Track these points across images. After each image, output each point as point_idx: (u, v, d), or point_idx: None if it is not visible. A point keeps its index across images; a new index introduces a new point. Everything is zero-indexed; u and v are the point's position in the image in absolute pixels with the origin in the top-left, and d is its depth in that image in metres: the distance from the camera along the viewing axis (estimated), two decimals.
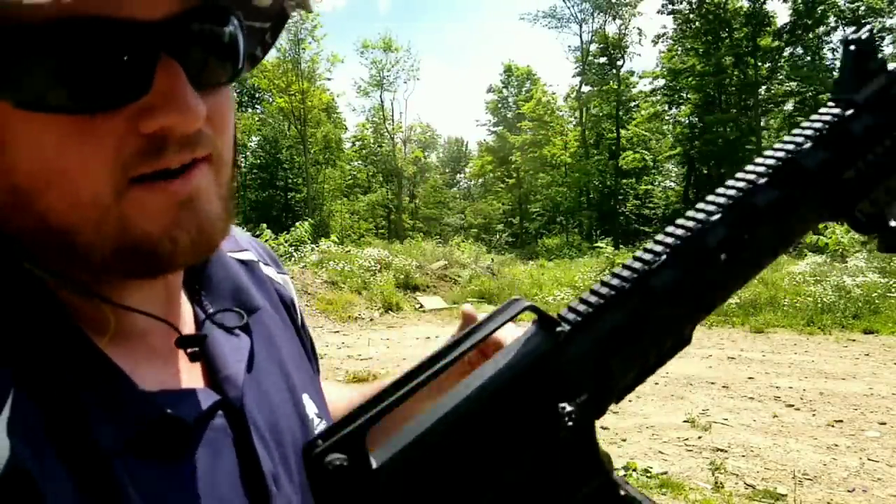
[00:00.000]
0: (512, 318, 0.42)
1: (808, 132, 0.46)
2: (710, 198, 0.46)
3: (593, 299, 0.43)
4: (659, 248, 0.45)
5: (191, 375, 0.50)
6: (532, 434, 0.41)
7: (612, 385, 0.43)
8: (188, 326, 0.54)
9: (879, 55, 0.47)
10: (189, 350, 0.50)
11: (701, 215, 0.45)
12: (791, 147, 0.46)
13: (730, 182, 0.46)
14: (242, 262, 0.65)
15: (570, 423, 0.41)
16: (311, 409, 0.59)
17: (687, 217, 0.45)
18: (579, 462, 0.43)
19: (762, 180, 0.45)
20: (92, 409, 0.40)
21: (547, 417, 0.41)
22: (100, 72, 0.37)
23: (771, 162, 0.46)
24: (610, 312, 0.43)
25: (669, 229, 0.45)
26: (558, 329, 0.42)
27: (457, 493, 0.40)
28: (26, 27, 0.34)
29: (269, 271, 0.69)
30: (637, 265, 0.44)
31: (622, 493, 0.44)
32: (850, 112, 0.46)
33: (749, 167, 0.46)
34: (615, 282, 0.44)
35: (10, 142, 0.38)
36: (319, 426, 0.59)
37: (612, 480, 0.45)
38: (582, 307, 0.43)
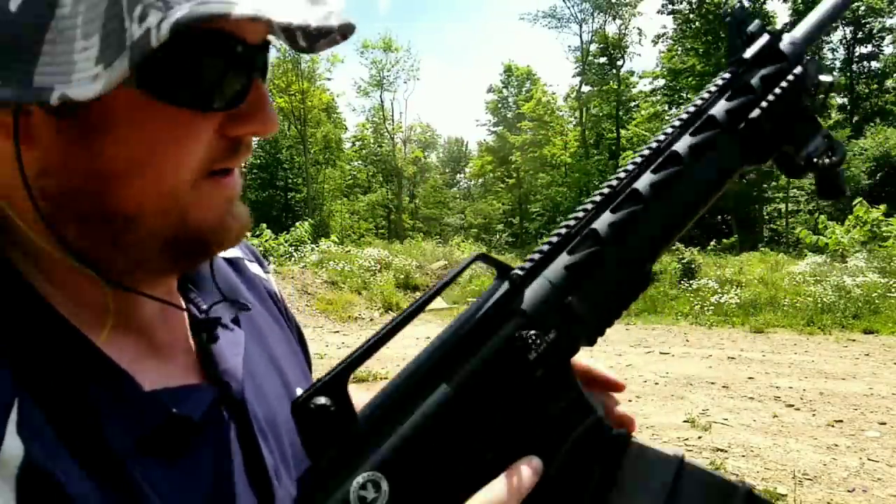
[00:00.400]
0: (466, 266, 0.44)
1: (712, 88, 0.53)
2: (639, 150, 0.51)
3: (544, 246, 0.47)
4: (597, 198, 0.49)
5: (188, 370, 0.51)
6: (502, 369, 0.43)
7: (577, 320, 0.45)
8: (183, 321, 0.54)
9: (754, 21, 0.55)
10: (204, 335, 0.53)
11: (631, 166, 0.50)
12: (699, 102, 0.52)
13: (653, 138, 0.52)
14: (228, 260, 0.66)
15: (535, 353, 0.43)
16: None
17: (620, 168, 0.50)
18: (564, 404, 0.45)
19: (679, 131, 0.51)
20: (101, 410, 0.41)
21: (511, 348, 0.43)
22: (220, 78, 0.43)
23: (684, 116, 0.52)
24: (560, 255, 0.46)
25: (605, 184, 0.49)
26: (513, 273, 0.45)
27: (440, 436, 0.42)
28: (183, 33, 0.37)
29: (255, 268, 0.70)
30: (580, 213, 0.48)
31: (615, 432, 0.46)
32: (742, 68, 0.54)
33: (667, 125, 0.52)
34: (563, 228, 0.48)
35: (121, 129, 0.41)
36: None
37: (602, 421, 0.46)
38: (536, 254, 0.47)
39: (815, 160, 0.52)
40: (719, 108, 0.51)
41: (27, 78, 0.36)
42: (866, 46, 34.56)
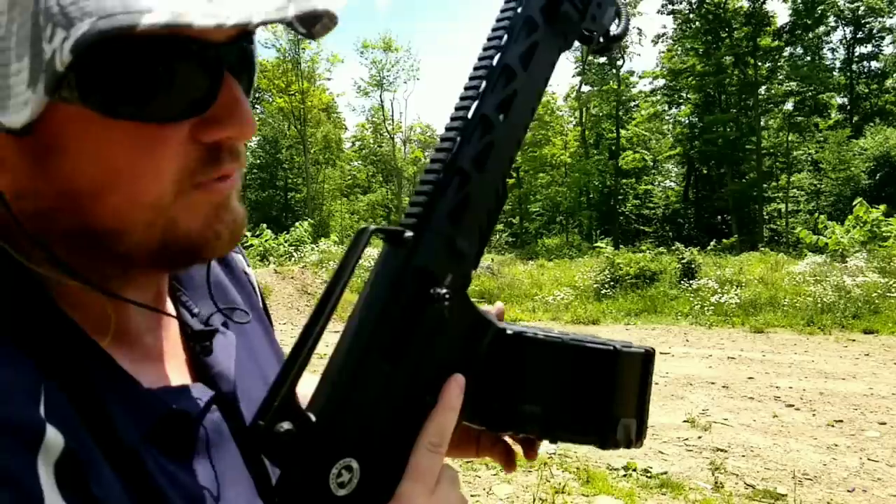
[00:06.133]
0: (364, 247, 0.46)
1: None
2: (472, 73, 0.51)
3: (421, 199, 0.49)
4: (451, 134, 0.50)
5: (181, 373, 0.52)
6: (423, 326, 0.48)
7: (465, 258, 0.51)
8: (174, 324, 0.55)
9: None
10: (199, 345, 0.53)
11: (471, 91, 0.50)
12: (514, 3, 0.52)
13: (479, 56, 0.52)
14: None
15: (447, 302, 0.47)
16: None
17: (461, 98, 0.51)
18: (469, 326, 0.52)
19: (504, 41, 0.51)
20: (111, 404, 0.42)
21: (427, 306, 0.48)
22: (176, 85, 0.40)
23: (505, 21, 0.52)
24: (437, 202, 0.49)
25: (455, 115, 0.51)
26: (405, 236, 0.48)
27: (385, 402, 0.47)
28: (122, 40, 0.36)
29: (240, 260, 0.70)
30: (440, 155, 0.50)
31: (510, 332, 0.53)
32: None
33: (487, 40, 0.52)
34: (430, 177, 0.49)
35: (77, 148, 0.40)
36: None
37: (500, 328, 0.53)
38: (415, 209, 0.49)
39: (608, 31, 0.57)
40: (533, 5, 0.51)
41: None
42: (866, 46, 34.54)
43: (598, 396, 0.54)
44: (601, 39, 0.56)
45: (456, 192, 0.49)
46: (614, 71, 36.80)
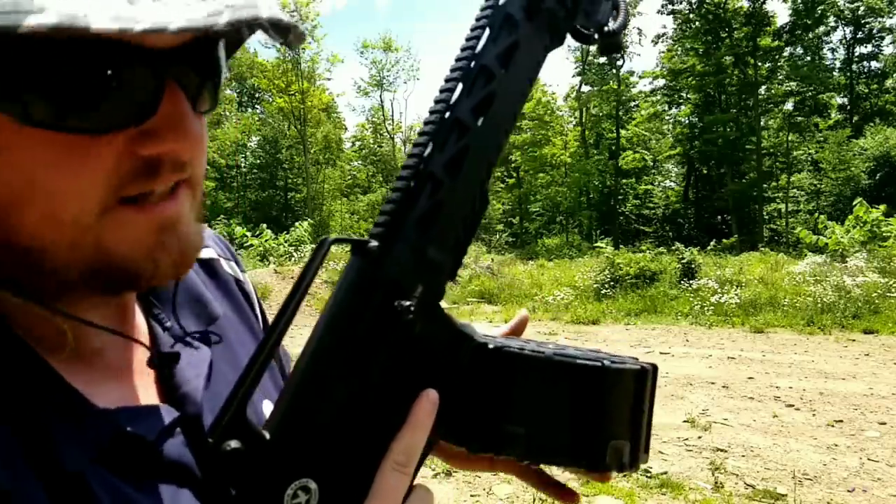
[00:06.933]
0: (324, 257, 0.44)
1: None
2: (447, 75, 0.48)
3: (388, 207, 0.47)
4: (423, 139, 0.47)
5: (147, 391, 0.50)
6: (389, 340, 0.45)
7: (438, 268, 0.47)
8: (143, 339, 0.53)
9: None
10: (157, 369, 0.50)
11: (445, 94, 0.48)
12: (492, 2, 0.49)
13: (456, 57, 0.49)
14: (202, 261, 0.63)
15: (412, 315, 0.44)
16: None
17: (435, 101, 0.48)
18: (444, 340, 0.48)
19: (483, 40, 0.48)
20: (54, 429, 0.40)
21: (393, 320, 0.45)
22: (110, 93, 0.37)
23: (483, 21, 0.48)
24: (407, 211, 0.46)
25: (428, 118, 0.48)
26: (370, 246, 0.45)
27: (347, 420, 0.44)
28: (42, 42, 0.34)
29: (230, 267, 0.67)
30: (411, 161, 0.47)
31: (491, 346, 0.49)
32: None
33: (465, 39, 0.49)
34: (400, 184, 0.47)
35: None
36: None
37: (480, 342, 0.49)
38: (383, 218, 0.46)
39: (604, 27, 0.53)
40: (514, 7, 0.48)
41: None
42: (866, 46, 34.54)
43: (585, 416, 0.50)
44: (596, 36, 0.53)
45: (427, 199, 0.46)
46: (614, 71, 36.78)
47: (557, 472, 0.58)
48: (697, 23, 33.65)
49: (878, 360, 7.32)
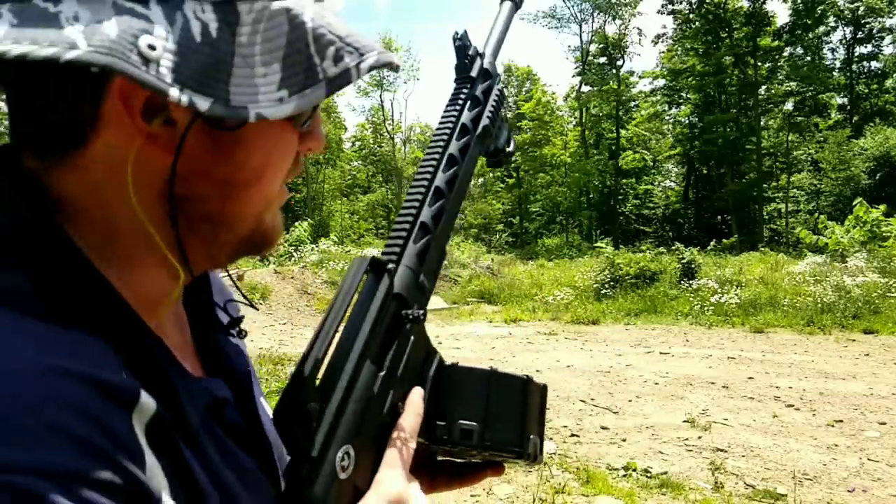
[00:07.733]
0: (363, 276, 0.56)
1: (459, 101, 0.72)
2: (427, 152, 0.69)
3: (398, 240, 0.62)
4: (417, 195, 0.65)
5: (196, 368, 0.54)
6: (399, 342, 0.58)
7: (426, 293, 0.63)
8: (186, 326, 0.56)
9: (472, 47, 0.74)
10: (234, 330, 0.60)
11: (429, 166, 0.67)
12: (455, 112, 0.71)
13: (430, 145, 0.69)
14: None
15: (412, 324, 0.59)
16: (269, 411, 0.62)
17: (421, 167, 0.67)
18: (424, 353, 0.63)
19: (449, 138, 0.69)
20: (178, 387, 0.44)
21: (403, 326, 0.59)
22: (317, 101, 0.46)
23: (450, 126, 0.70)
24: (410, 245, 0.62)
25: (418, 181, 0.66)
26: (389, 267, 0.59)
27: (372, 400, 0.54)
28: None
29: (226, 283, 0.72)
30: (410, 209, 0.64)
31: (448, 363, 0.66)
32: (470, 83, 0.73)
33: (436, 131, 0.70)
34: (404, 224, 0.63)
35: (257, 143, 0.46)
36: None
37: (441, 359, 0.65)
38: (393, 248, 0.62)
39: (502, 149, 0.75)
40: (466, 118, 0.70)
41: (227, 97, 0.40)
42: (866, 46, 34.53)
43: (516, 415, 0.65)
44: (495, 153, 0.75)
45: (422, 238, 0.62)
46: (614, 71, 36.80)
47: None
48: (697, 23, 33.65)
49: (878, 360, 7.32)
